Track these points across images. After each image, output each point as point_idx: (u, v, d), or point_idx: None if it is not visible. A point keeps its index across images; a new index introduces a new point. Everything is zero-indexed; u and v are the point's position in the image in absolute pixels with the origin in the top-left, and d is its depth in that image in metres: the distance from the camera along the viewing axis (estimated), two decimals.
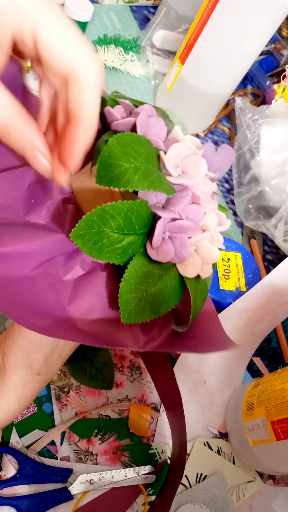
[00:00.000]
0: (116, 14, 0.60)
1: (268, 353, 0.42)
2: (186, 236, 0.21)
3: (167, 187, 0.20)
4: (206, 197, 0.22)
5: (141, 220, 0.20)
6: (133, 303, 0.20)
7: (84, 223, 0.18)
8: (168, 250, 0.20)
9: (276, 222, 0.43)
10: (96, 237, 0.19)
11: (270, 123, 0.46)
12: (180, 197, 0.21)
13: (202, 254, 0.21)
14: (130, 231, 0.20)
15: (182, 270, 0.21)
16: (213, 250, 0.21)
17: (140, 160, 0.19)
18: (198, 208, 0.21)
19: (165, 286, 0.21)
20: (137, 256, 0.20)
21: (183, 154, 0.21)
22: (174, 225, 0.20)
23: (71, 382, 0.34)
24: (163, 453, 0.34)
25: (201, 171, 0.21)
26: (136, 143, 0.20)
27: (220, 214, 0.23)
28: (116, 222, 0.19)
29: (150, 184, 0.19)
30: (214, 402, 0.37)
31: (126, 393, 0.35)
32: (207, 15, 0.42)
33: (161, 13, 0.55)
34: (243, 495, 0.34)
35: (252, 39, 0.43)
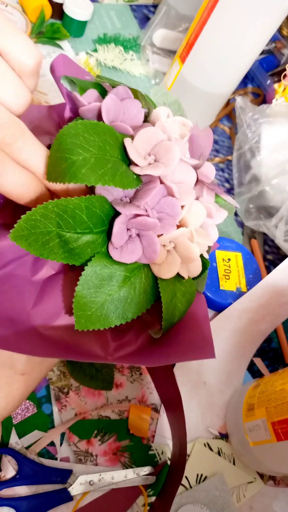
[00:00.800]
0: (116, 13, 0.60)
1: (268, 353, 0.42)
2: (155, 234, 0.18)
3: (126, 181, 0.18)
4: (185, 187, 0.19)
5: (96, 218, 0.18)
6: (93, 308, 0.18)
7: (24, 223, 0.16)
8: (134, 250, 0.18)
9: (276, 222, 0.43)
10: (45, 237, 0.17)
11: (271, 122, 0.46)
12: (147, 190, 0.18)
13: (181, 253, 0.19)
14: (84, 230, 0.18)
15: (156, 270, 0.19)
16: (192, 248, 0.19)
17: (92, 151, 0.17)
18: (173, 201, 0.18)
19: (133, 288, 0.19)
20: (97, 256, 0.18)
21: (155, 140, 0.19)
22: (136, 222, 0.18)
23: (71, 382, 0.34)
24: (163, 454, 0.34)
25: (173, 158, 0.18)
26: (90, 132, 0.17)
27: (209, 205, 0.20)
28: (65, 221, 0.17)
29: (100, 177, 0.17)
30: (214, 403, 0.37)
31: (126, 393, 0.35)
32: (207, 14, 0.42)
33: (161, 12, 0.55)
34: (244, 496, 0.34)
35: (252, 38, 0.42)
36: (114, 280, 0.18)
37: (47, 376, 0.34)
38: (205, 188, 0.20)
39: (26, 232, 0.16)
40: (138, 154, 0.18)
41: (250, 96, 0.61)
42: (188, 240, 0.19)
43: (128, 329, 0.21)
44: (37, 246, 0.17)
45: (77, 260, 0.18)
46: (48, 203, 0.17)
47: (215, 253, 0.38)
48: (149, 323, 0.22)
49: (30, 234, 0.17)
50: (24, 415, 0.32)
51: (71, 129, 0.17)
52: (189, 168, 0.20)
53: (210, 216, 0.20)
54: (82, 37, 0.55)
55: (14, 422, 0.32)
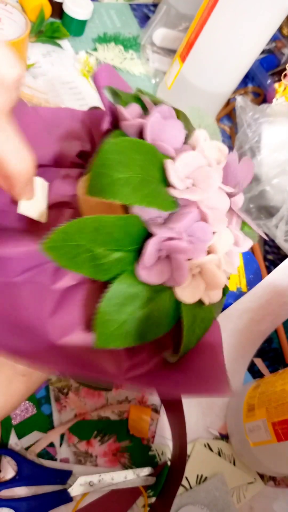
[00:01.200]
0: (116, 12, 0.60)
1: (269, 353, 0.42)
2: (184, 258, 0.18)
3: (166, 203, 0.18)
4: (219, 214, 0.19)
5: (130, 237, 0.18)
6: (114, 326, 0.18)
7: (57, 235, 0.16)
8: (162, 271, 0.18)
9: (277, 222, 0.43)
10: (76, 251, 0.17)
11: (271, 122, 0.46)
12: (183, 214, 0.18)
13: (207, 279, 0.19)
14: (117, 247, 0.18)
15: (179, 294, 0.19)
16: (219, 275, 0.19)
17: (136, 170, 0.17)
18: (205, 227, 0.18)
19: (155, 310, 0.18)
20: (125, 275, 0.18)
21: (195, 164, 0.19)
22: (168, 245, 0.18)
23: (70, 383, 0.34)
24: (163, 455, 0.34)
25: (212, 185, 0.18)
26: (134, 150, 0.18)
27: (237, 233, 0.20)
28: (99, 237, 0.17)
29: (143, 198, 0.17)
30: (214, 403, 0.37)
31: (125, 394, 0.35)
32: (207, 14, 0.42)
33: (161, 11, 0.54)
34: (244, 497, 0.34)
35: (252, 38, 0.42)
36: (138, 300, 0.18)
37: None
38: (235, 216, 0.20)
39: (58, 244, 0.16)
40: (177, 177, 0.18)
41: (251, 96, 0.60)
42: (215, 267, 0.19)
43: (142, 349, 0.21)
44: (66, 258, 0.17)
45: (104, 276, 0.18)
46: (86, 218, 0.17)
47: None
48: (163, 345, 0.21)
49: (62, 246, 0.16)
50: (23, 416, 0.32)
51: (115, 146, 0.17)
52: (224, 195, 0.20)
53: (237, 244, 0.20)
54: (82, 36, 0.55)
55: (13, 423, 0.32)
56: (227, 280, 0.21)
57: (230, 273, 0.20)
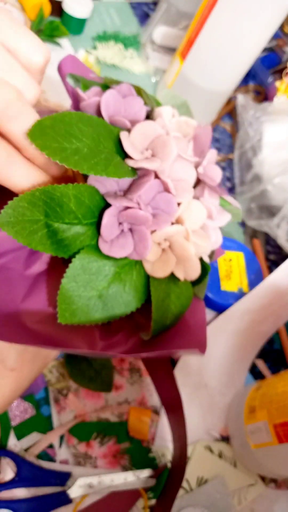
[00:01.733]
0: (116, 10, 0.60)
1: (270, 355, 0.41)
2: (147, 229, 0.18)
3: (119, 171, 0.17)
4: (183, 184, 0.19)
5: (85, 208, 0.17)
6: (79, 303, 0.17)
7: (12, 209, 0.16)
8: (124, 245, 0.18)
9: (279, 221, 0.43)
10: (33, 226, 0.16)
11: (273, 120, 0.45)
12: (140, 183, 0.18)
13: (176, 252, 0.19)
14: (73, 220, 0.17)
15: (149, 269, 0.18)
16: (188, 247, 0.18)
17: (85, 141, 0.17)
18: (168, 198, 0.18)
19: (122, 285, 0.18)
20: (86, 249, 0.17)
21: (152, 134, 0.18)
22: (127, 215, 0.17)
23: (70, 384, 0.34)
24: (163, 457, 0.34)
25: (170, 153, 0.18)
26: (84, 123, 0.17)
27: (212, 207, 0.20)
28: (52, 210, 0.17)
29: (92, 166, 0.16)
30: (215, 405, 0.37)
31: (125, 396, 0.35)
32: (208, 11, 0.41)
33: (161, 9, 0.54)
34: (245, 499, 0.34)
35: (253, 36, 0.42)
36: (103, 275, 0.18)
37: (46, 377, 0.34)
38: (207, 188, 0.20)
39: (13, 219, 0.16)
40: (133, 147, 0.18)
41: (252, 94, 0.60)
42: (183, 239, 0.18)
43: (118, 330, 0.20)
44: (24, 234, 0.16)
45: (66, 252, 0.17)
46: (35, 190, 0.16)
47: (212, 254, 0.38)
48: (141, 326, 0.21)
49: (17, 222, 0.16)
50: (22, 417, 0.32)
51: (65, 117, 0.17)
52: (189, 166, 0.19)
53: (210, 217, 0.20)
54: (81, 34, 0.55)
55: (12, 424, 0.32)
56: (206, 256, 0.20)
57: (205, 247, 0.19)
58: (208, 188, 0.20)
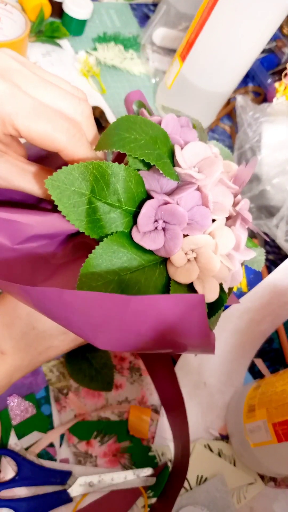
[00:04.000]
0: (116, 12, 0.60)
1: (269, 354, 0.42)
2: (180, 230, 0.19)
3: (168, 170, 0.19)
4: (220, 206, 0.20)
5: (129, 193, 0.18)
6: (99, 282, 0.17)
7: (63, 175, 0.16)
8: (156, 239, 0.18)
9: (277, 222, 0.43)
10: (77, 199, 0.17)
11: (272, 121, 0.45)
12: (183, 188, 0.19)
13: (202, 263, 0.19)
14: (115, 202, 0.18)
15: (172, 272, 0.19)
16: (214, 260, 0.19)
17: (144, 137, 0.18)
18: (205, 211, 0.19)
19: (144, 278, 0.18)
20: (119, 233, 0.18)
21: (202, 155, 0.20)
22: (166, 209, 0.18)
23: (70, 383, 0.34)
24: (163, 455, 0.34)
25: (215, 171, 0.19)
26: (146, 125, 0.19)
27: (240, 236, 0.21)
28: (99, 187, 0.17)
29: (146, 154, 0.18)
30: (214, 404, 0.37)
31: (125, 394, 0.35)
32: (207, 13, 0.41)
33: (161, 10, 0.54)
34: (244, 497, 0.34)
35: (253, 37, 0.42)
36: (128, 263, 0.18)
37: (46, 377, 0.34)
38: (240, 219, 0.21)
39: (61, 185, 0.17)
40: (184, 161, 0.19)
41: (251, 95, 0.60)
42: (211, 252, 0.19)
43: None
44: (67, 204, 0.17)
45: (98, 233, 0.18)
46: (89, 163, 0.17)
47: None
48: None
49: (65, 189, 0.17)
50: (23, 416, 0.32)
51: (130, 117, 0.19)
52: (227, 192, 0.21)
53: (237, 248, 0.21)
54: (81, 35, 0.55)
55: (13, 423, 0.32)
56: (226, 283, 0.21)
57: (227, 270, 0.20)
58: (241, 219, 0.21)
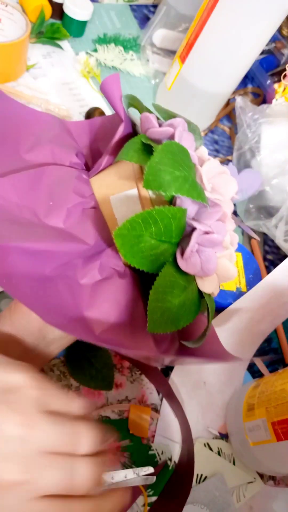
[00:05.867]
0: (116, 13, 0.60)
1: (268, 353, 0.42)
2: (214, 251, 0.21)
3: (202, 197, 0.21)
4: (229, 216, 0.22)
5: (179, 229, 0.20)
6: (158, 313, 0.20)
7: (129, 223, 0.18)
8: (195, 263, 0.20)
9: (276, 222, 0.43)
10: (135, 240, 0.19)
11: (271, 122, 0.46)
12: (212, 212, 0.21)
13: (220, 272, 0.22)
14: (167, 239, 0.20)
15: (201, 285, 0.21)
16: (231, 268, 0.22)
17: (187, 170, 0.20)
18: (223, 226, 0.21)
19: (187, 299, 0.21)
20: (167, 265, 0.20)
21: (215, 171, 0.22)
22: (205, 239, 0.20)
23: (71, 382, 0.34)
24: (163, 454, 0.34)
25: (231, 190, 0.22)
26: (182, 154, 0.21)
27: (233, 234, 0.23)
28: (157, 228, 0.19)
29: (198, 195, 0.20)
30: (214, 403, 0.37)
31: (126, 393, 0.35)
32: (207, 14, 0.42)
33: (161, 12, 0.55)
34: (244, 496, 0.34)
35: (252, 38, 0.42)
36: (176, 289, 0.20)
37: (47, 376, 0.34)
38: (231, 216, 0.23)
39: (126, 232, 0.19)
40: (209, 183, 0.21)
41: (250, 96, 0.61)
42: (228, 261, 0.22)
43: (164, 338, 0.23)
44: (127, 247, 0.19)
45: (149, 266, 0.20)
46: (152, 210, 0.19)
47: None
48: (174, 335, 0.24)
49: (128, 235, 0.19)
50: None
51: (169, 147, 0.20)
52: (231, 203, 0.23)
53: (233, 244, 0.23)
54: (82, 37, 0.55)
55: None
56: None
57: (236, 268, 0.23)
58: (231, 219, 0.23)
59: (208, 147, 0.55)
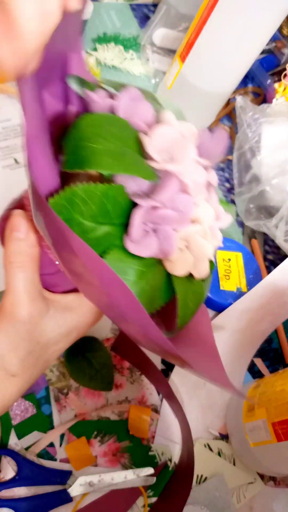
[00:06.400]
0: (116, 12, 0.60)
1: (269, 354, 0.42)
2: (171, 228, 0.18)
3: (148, 172, 0.18)
4: (198, 186, 0.19)
5: (119, 208, 0.18)
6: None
7: (52, 206, 0.16)
8: (150, 244, 0.18)
9: (277, 222, 0.43)
10: (69, 224, 0.17)
11: (271, 122, 0.46)
12: (164, 185, 0.18)
13: (194, 251, 0.19)
14: (105, 220, 0.18)
15: (169, 267, 0.19)
16: (206, 245, 0.19)
17: (115, 142, 0.17)
18: (186, 198, 0.18)
19: (148, 284, 0.18)
20: (114, 250, 0.18)
21: (170, 138, 0.19)
22: (155, 215, 0.18)
23: (70, 383, 0.34)
24: (163, 455, 0.34)
25: (189, 156, 0.19)
26: (110, 124, 0.18)
27: (218, 208, 0.20)
28: (89, 208, 0.17)
29: (126, 167, 0.17)
30: (214, 403, 0.37)
31: (125, 394, 0.35)
32: (207, 14, 0.42)
33: (161, 11, 0.55)
34: (244, 497, 0.34)
35: (252, 38, 0.42)
36: (130, 275, 0.18)
37: (47, 377, 0.34)
38: (213, 191, 0.20)
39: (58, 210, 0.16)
40: (155, 149, 0.18)
41: (251, 96, 0.60)
42: (201, 238, 0.19)
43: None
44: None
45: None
46: (76, 187, 0.16)
47: (215, 253, 0.38)
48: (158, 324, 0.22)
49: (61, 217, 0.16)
50: (23, 416, 0.32)
51: (91, 119, 0.17)
52: (200, 168, 0.20)
53: (218, 218, 0.20)
54: (81, 36, 0.55)
55: (13, 423, 0.32)
56: (213, 254, 0.21)
57: (216, 246, 0.20)
58: (213, 191, 0.20)
59: None
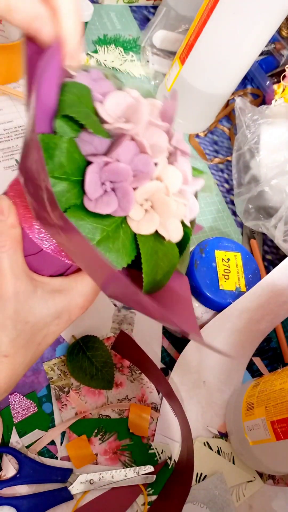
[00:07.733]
0: (116, 14, 0.60)
1: (268, 353, 0.42)
2: (129, 185, 0.19)
3: (98, 128, 0.18)
4: (157, 147, 0.20)
5: (74, 163, 0.18)
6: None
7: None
8: (109, 202, 0.18)
9: (276, 222, 0.43)
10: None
11: (270, 123, 0.46)
12: (117, 143, 0.19)
13: (159, 209, 0.20)
14: (62, 175, 0.18)
15: (134, 226, 0.19)
16: (170, 202, 0.19)
17: (69, 95, 0.18)
18: (145, 157, 0.19)
19: (111, 243, 0.19)
20: (72, 209, 0.18)
21: (124, 103, 0.20)
22: (108, 170, 0.18)
23: (71, 382, 0.34)
24: (163, 453, 0.34)
25: (142, 117, 0.19)
26: (71, 86, 0.19)
27: (187, 172, 0.21)
28: (47, 159, 0.17)
29: (76, 113, 0.18)
30: (214, 402, 0.37)
31: (126, 393, 0.35)
32: (207, 15, 0.42)
33: (161, 13, 0.55)
34: (243, 495, 0.34)
35: (252, 39, 0.43)
36: (91, 235, 0.18)
37: (48, 375, 0.34)
38: (179, 153, 0.21)
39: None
40: (108, 114, 0.19)
41: (250, 97, 0.61)
42: (164, 195, 0.19)
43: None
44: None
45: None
46: (41, 135, 0.17)
47: (214, 253, 0.38)
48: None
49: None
50: (24, 414, 0.33)
51: (72, 83, 0.19)
52: (160, 132, 0.20)
53: (186, 182, 0.21)
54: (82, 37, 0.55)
55: (14, 421, 0.32)
56: (186, 219, 0.21)
57: (183, 207, 0.20)
58: (180, 153, 0.21)
59: (208, 147, 0.55)
